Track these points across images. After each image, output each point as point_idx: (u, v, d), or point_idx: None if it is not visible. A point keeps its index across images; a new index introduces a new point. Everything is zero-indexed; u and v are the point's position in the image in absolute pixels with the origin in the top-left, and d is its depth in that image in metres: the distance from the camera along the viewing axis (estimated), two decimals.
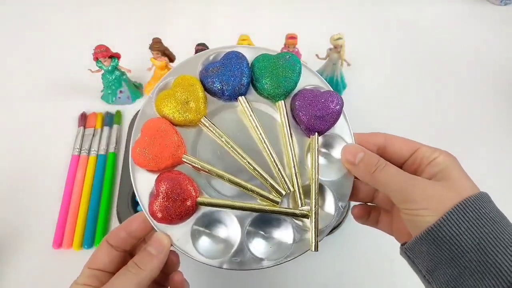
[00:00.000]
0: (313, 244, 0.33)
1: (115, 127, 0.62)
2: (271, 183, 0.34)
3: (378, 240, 0.54)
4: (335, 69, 0.62)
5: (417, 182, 0.30)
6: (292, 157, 0.35)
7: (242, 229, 0.34)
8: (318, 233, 0.33)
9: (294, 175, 0.34)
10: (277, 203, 0.34)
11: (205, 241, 0.34)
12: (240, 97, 0.36)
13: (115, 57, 0.60)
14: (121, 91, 0.63)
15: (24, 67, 0.71)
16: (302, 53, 0.60)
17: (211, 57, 0.37)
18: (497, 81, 0.69)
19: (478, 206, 0.28)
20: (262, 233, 0.35)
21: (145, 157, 0.33)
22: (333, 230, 0.52)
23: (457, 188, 0.29)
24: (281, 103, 0.36)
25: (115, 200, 0.55)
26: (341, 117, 0.36)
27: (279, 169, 0.35)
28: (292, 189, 0.34)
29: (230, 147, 0.35)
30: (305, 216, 0.34)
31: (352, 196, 0.36)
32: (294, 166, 0.35)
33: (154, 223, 0.33)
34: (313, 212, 0.33)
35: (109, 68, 0.60)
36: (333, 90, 0.37)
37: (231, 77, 0.35)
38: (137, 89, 0.66)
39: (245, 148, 0.35)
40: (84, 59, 0.61)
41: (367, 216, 0.38)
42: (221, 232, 0.34)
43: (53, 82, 0.68)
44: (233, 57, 0.36)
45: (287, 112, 0.36)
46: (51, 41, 0.74)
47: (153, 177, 0.33)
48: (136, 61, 0.64)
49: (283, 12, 0.79)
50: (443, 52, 0.73)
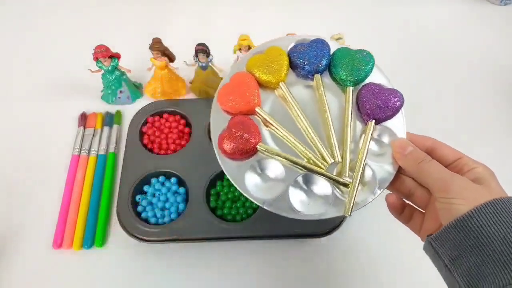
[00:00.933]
0: (349, 209, 0.37)
1: (115, 127, 0.62)
2: (322, 151, 0.39)
3: (378, 239, 0.54)
4: None
5: (458, 177, 0.34)
6: (348, 135, 0.40)
7: (287, 182, 0.39)
8: (354, 202, 0.37)
9: (345, 150, 0.39)
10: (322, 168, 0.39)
11: (255, 181, 0.39)
12: (316, 74, 0.42)
13: (115, 57, 0.60)
14: (121, 91, 0.63)
15: (24, 67, 0.71)
16: None
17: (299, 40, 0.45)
18: (497, 81, 0.69)
19: (508, 206, 0.31)
20: (304, 189, 0.39)
21: (227, 98, 0.41)
22: (333, 230, 0.52)
23: (491, 191, 0.33)
24: (350, 88, 0.42)
25: (115, 200, 0.55)
26: (399, 114, 0.41)
27: (334, 140, 0.40)
28: (340, 160, 0.39)
29: (296, 112, 0.41)
30: (346, 185, 0.38)
31: (392, 184, 0.39)
32: (347, 142, 0.39)
33: (219, 156, 0.40)
34: (355, 182, 0.38)
35: (109, 68, 0.60)
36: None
37: (313, 56, 0.42)
38: (137, 89, 0.66)
39: (308, 118, 0.41)
40: (84, 59, 0.61)
41: (401, 209, 0.40)
42: (270, 178, 0.39)
43: (53, 82, 0.68)
44: (319, 42, 0.43)
45: (352, 97, 0.42)
46: (51, 41, 0.74)
47: (227, 118, 0.41)
48: (136, 61, 0.64)
49: (283, 12, 0.79)
50: (443, 52, 0.73)
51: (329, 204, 0.38)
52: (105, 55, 0.58)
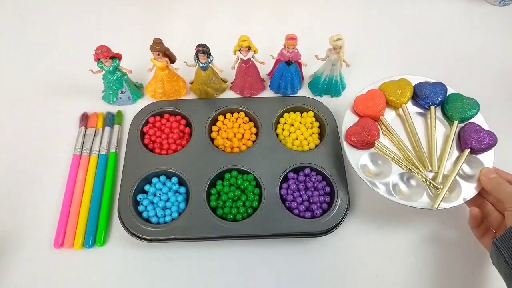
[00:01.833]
0: (437, 203, 0.49)
1: (116, 127, 0.63)
2: (424, 159, 0.53)
3: (378, 239, 0.55)
4: (335, 69, 0.63)
5: None
6: (447, 153, 0.53)
7: (389, 173, 0.52)
8: (441, 200, 0.49)
9: (443, 164, 0.53)
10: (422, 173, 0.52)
11: (368, 167, 0.54)
12: (432, 106, 0.57)
13: (116, 57, 0.60)
14: (122, 92, 0.64)
15: (25, 68, 0.71)
16: (301, 54, 0.61)
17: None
18: (497, 81, 0.70)
19: None
20: (404, 182, 0.53)
21: (362, 105, 0.56)
22: (333, 229, 0.52)
23: None
24: (456, 122, 0.56)
25: (116, 199, 0.55)
26: (491, 152, 0.53)
27: (435, 154, 0.53)
28: (437, 170, 0.52)
29: (410, 128, 0.56)
30: (437, 188, 0.51)
31: (474, 202, 0.51)
32: (445, 158, 0.53)
33: (344, 147, 0.54)
34: (446, 187, 0.50)
35: (110, 68, 0.60)
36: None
37: (433, 92, 0.57)
38: (138, 90, 0.66)
39: (419, 138, 0.55)
40: (85, 60, 0.61)
41: (479, 222, 0.49)
42: (378, 167, 0.54)
43: (54, 82, 0.69)
44: (440, 84, 0.58)
45: (456, 129, 0.55)
46: (53, 42, 0.75)
47: (356, 118, 0.56)
48: (136, 62, 0.64)
49: (283, 13, 0.80)
50: (442, 52, 0.73)
51: (421, 197, 0.50)
52: (106, 56, 0.58)
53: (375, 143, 0.53)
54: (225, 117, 0.63)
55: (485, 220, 0.50)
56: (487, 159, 0.53)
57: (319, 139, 0.61)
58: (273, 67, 0.66)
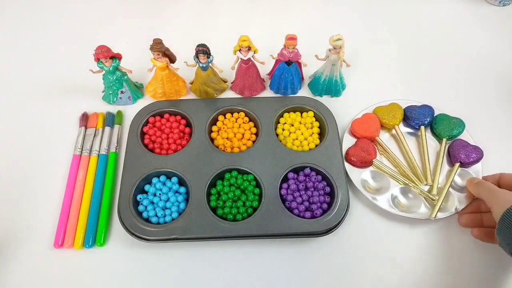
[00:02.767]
0: (434, 214, 0.53)
1: (116, 127, 0.63)
2: (419, 174, 0.58)
3: (378, 239, 0.55)
4: (335, 69, 0.63)
5: (499, 192, 0.49)
6: (439, 168, 0.58)
7: (389, 188, 0.56)
8: (438, 210, 0.54)
9: (436, 177, 0.57)
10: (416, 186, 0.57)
11: (369, 183, 0.58)
12: (422, 126, 0.62)
13: (116, 57, 0.60)
14: (122, 92, 0.64)
15: (25, 68, 0.71)
16: (301, 54, 0.61)
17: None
18: (497, 81, 0.70)
19: None
20: (403, 195, 0.57)
21: (359, 128, 0.61)
22: (333, 229, 0.53)
23: None
24: (444, 140, 0.60)
25: (116, 199, 0.55)
26: (479, 164, 0.58)
27: (428, 169, 0.58)
28: (431, 183, 0.57)
29: (404, 146, 0.60)
30: (433, 199, 0.55)
31: (467, 208, 0.55)
32: (438, 172, 0.58)
33: (345, 165, 0.57)
34: (441, 199, 0.55)
35: (110, 68, 0.60)
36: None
37: (422, 114, 0.62)
38: (138, 90, 0.66)
39: (413, 155, 0.60)
40: (85, 60, 0.61)
41: (473, 225, 0.53)
42: (378, 183, 0.58)
43: (54, 82, 0.69)
44: (427, 107, 0.63)
45: (445, 146, 0.60)
46: (53, 42, 0.75)
47: (353, 140, 0.60)
48: (137, 62, 0.64)
49: (283, 12, 0.80)
50: (442, 52, 0.73)
51: (419, 208, 0.55)
52: (106, 56, 0.58)
53: (373, 161, 0.58)
54: (225, 117, 0.63)
55: (485, 227, 0.52)
56: (476, 172, 0.58)
57: (319, 139, 0.61)
58: (273, 67, 0.66)
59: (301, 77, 0.66)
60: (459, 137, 0.61)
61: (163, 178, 0.56)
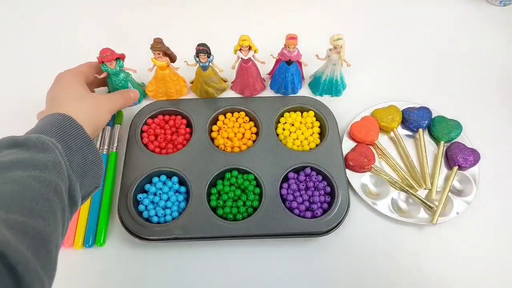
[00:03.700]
0: (435, 219, 0.53)
1: (117, 126, 0.62)
2: (418, 178, 0.58)
3: (378, 239, 0.55)
4: (335, 69, 0.63)
5: None
6: (438, 172, 0.58)
7: (388, 193, 0.56)
8: (439, 216, 0.54)
9: (435, 182, 0.57)
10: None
11: (369, 187, 0.58)
12: (420, 129, 0.61)
13: (120, 58, 0.59)
14: None
15: (26, 68, 0.71)
16: (302, 53, 0.61)
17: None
18: (497, 81, 0.69)
19: None
20: (402, 200, 0.56)
21: (358, 131, 0.60)
22: (333, 229, 0.52)
23: None
24: (442, 142, 0.60)
25: (117, 199, 0.55)
26: (476, 167, 0.58)
27: (427, 173, 0.58)
28: (430, 187, 0.57)
29: (402, 149, 0.60)
30: (431, 207, 0.55)
31: None
32: (437, 176, 0.57)
33: (345, 170, 0.57)
34: (440, 204, 0.55)
35: (116, 69, 0.59)
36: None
37: (420, 116, 0.61)
38: (142, 89, 0.66)
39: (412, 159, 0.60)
40: (86, 60, 0.61)
41: None
42: (378, 187, 0.58)
43: None
44: (425, 109, 0.62)
45: (443, 149, 0.60)
46: (53, 42, 0.75)
47: (352, 144, 0.60)
48: (137, 62, 0.64)
49: (283, 12, 0.80)
50: (442, 52, 0.73)
51: (419, 213, 0.54)
52: (111, 59, 0.57)
53: (372, 166, 0.58)
54: (225, 117, 0.63)
55: None
56: (474, 174, 0.58)
57: (319, 138, 0.61)
58: (274, 66, 0.66)
59: (302, 77, 0.66)
60: (456, 140, 0.61)
61: (163, 177, 0.56)
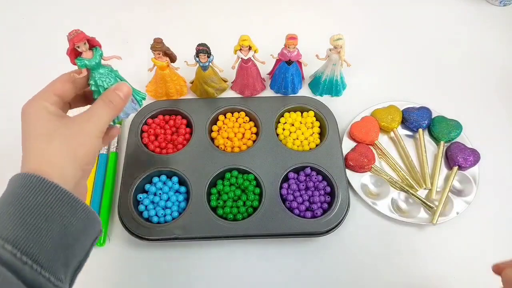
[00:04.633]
0: (436, 219, 0.53)
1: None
2: (418, 178, 0.58)
3: (378, 239, 0.55)
4: (335, 69, 0.63)
5: None
6: (438, 172, 0.58)
7: (388, 193, 0.56)
8: (439, 216, 0.54)
9: (435, 181, 0.57)
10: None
11: (369, 187, 0.58)
12: (420, 129, 0.61)
13: (97, 46, 0.44)
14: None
15: (26, 68, 0.71)
16: (302, 53, 0.61)
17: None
18: (497, 82, 0.69)
19: None
20: (402, 200, 0.57)
21: (358, 131, 0.60)
22: (333, 229, 0.52)
23: None
24: (442, 142, 0.60)
25: (117, 199, 0.55)
26: (476, 167, 0.58)
27: (427, 173, 0.58)
28: (430, 187, 0.57)
29: (402, 150, 0.60)
30: (431, 207, 0.55)
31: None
32: (437, 176, 0.58)
33: (345, 170, 0.57)
34: (440, 204, 0.55)
35: (96, 59, 0.44)
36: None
37: (420, 116, 0.61)
38: (139, 91, 0.65)
39: (412, 159, 0.60)
40: None
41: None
42: (378, 187, 0.58)
43: None
44: (425, 109, 0.62)
45: (443, 149, 0.60)
46: (53, 43, 0.75)
47: (352, 144, 0.60)
48: (137, 61, 0.64)
49: (283, 12, 0.80)
50: (442, 52, 0.73)
51: (419, 213, 0.54)
52: (82, 38, 0.42)
53: (372, 166, 0.58)
54: (225, 117, 0.63)
55: None
56: (474, 174, 0.58)
57: (319, 139, 0.61)
58: (274, 66, 0.66)
59: (302, 77, 0.66)
60: (456, 140, 0.61)
61: (163, 177, 0.56)
